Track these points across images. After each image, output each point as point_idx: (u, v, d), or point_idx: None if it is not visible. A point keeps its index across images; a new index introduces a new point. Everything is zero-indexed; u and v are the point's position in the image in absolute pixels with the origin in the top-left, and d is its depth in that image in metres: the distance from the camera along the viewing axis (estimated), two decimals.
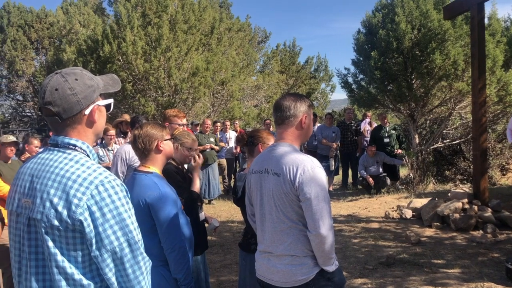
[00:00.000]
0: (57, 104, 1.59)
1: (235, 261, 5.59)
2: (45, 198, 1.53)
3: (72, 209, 1.50)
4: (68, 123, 1.63)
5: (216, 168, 9.73)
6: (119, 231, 1.55)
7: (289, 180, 2.17)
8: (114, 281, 1.57)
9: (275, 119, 2.43)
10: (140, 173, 2.66)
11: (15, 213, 1.64)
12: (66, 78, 1.62)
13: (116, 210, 1.55)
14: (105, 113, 1.76)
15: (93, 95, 1.66)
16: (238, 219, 7.94)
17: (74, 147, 1.63)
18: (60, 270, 1.53)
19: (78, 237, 1.53)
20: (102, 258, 1.53)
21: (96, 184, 1.53)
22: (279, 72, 23.08)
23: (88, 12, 20.77)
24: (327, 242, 2.15)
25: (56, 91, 1.59)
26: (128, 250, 1.57)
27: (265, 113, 17.79)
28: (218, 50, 14.30)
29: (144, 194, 2.54)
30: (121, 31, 13.00)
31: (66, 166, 1.57)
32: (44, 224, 1.52)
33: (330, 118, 10.71)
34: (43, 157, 1.65)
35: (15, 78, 22.00)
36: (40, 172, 1.60)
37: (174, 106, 13.37)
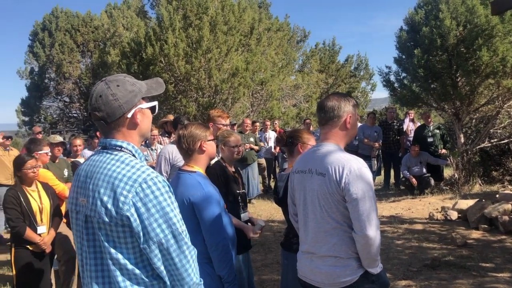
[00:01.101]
0: (102, 110, 1.73)
1: (276, 261, 5.61)
2: (96, 197, 1.66)
3: (119, 206, 1.62)
4: (113, 126, 1.76)
5: (256, 168, 9.76)
6: (163, 224, 1.65)
7: (335, 180, 2.16)
8: (163, 270, 1.69)
9: (319, 120, 2.43)
10: (184, 172, 2.73)
11: (74, 211, 1.79)
12: (109, 85, 1.74)
13: (160, 205, 1.65)
14: (150, 115, 1.86)
15: (135, 99, 1.76)
16: (278, 219, 7.96)
17: (120, 148, 1.75)
18: (114, 262, 1.66)
19: (127, 231, 1.65)
20: (150, 250, 1.65)
21: (140, 182, 1.64)
22: (318, 71, 22.89)
23: (131, 15, 21.31)
24: (374, 243, 2.13)
25: (100, 97, 1.73)
26: (173, 241, 1.67)
27: (304, 112, 17.69)
28: (257, 50, 14.34)
29: (188, 193, 2.60)
30: (163, 33, 13.26)
31: (113, 166, 1.69)
32: (97, 220, 1.66)
33: (373, 117, 10.54)
34: (94, 159, 1.78)
35: (62, 81, 22.82)
36: (92, 173, 1.73)
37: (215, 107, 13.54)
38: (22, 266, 3.91)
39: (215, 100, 13.78)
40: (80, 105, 23.67)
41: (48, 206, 4.14)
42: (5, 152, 7.48)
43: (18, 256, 3.93)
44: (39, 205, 4.04)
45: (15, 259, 3.92)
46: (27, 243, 3.92)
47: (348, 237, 2.19)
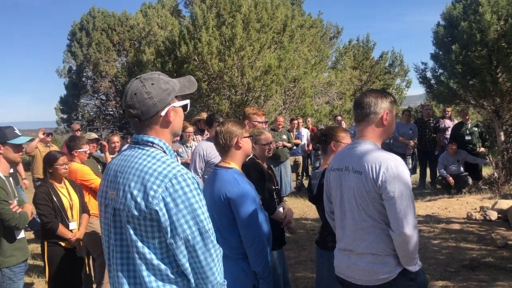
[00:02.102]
0: (136, 107, 1.75)
1: (309, 258, 5.60)
2: (126, 190, 1.69)
3: (149, 200, 1.64)
4: (146, 123, 1.78)
5: (289, 165, 9.74)
6: (191, 220, 1.66)
7: (372, 178, 2.15)
8: (188, 267, 1.69)
9: (355, 116, 2.41)
10: (221, 168, 2.77)
11: (103, 204, 1.82)
12: (144, 83, 1.76)
13: (188, 201, 1.66)
14: (182, 113, 1.88)
15: (168, 98, 1.79)
16: (311, 216, 7.93)
17: (152, 144, 1.78)
18: (140, 256, 1.68)
19: (155, 225, 1.66)
20: (176, 245, 1.65)
21: (170, 177, 1.66)
22: (352, 68, 22.61)
23: (165, 14, 21.63)
24: (411, 241, 2.11)
25: (135, 95, 1.75)
26: (199, 238, 1.67)
27: (338, 110, 17.52)
28: (290, 47, 14.29)
29: (225, 189, 2.63)
30: (197, 31, 13.40)
31: (144, 161, 1.71)
32: (126, 214, 1.68)
33: (408, 114, 10.34)
34: (126, 154, 1.82)
35: (99, 79, 23.40)
36: (123, 167, 1.76)
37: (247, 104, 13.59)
38: (55, 262, 3.94)
39: (248, 98, 13.82)
40: (116, 103, 24.21)
41: (77, 202, 4.19)
42: (45, 148, 7.73)
43: (51, 252, 3.96)
44: (69, 202, 4.09)
45: (48, 256, 3.96)
46: (59, 239, 3.96)
47: (386, 234, 2.18)
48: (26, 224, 3.37)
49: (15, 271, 3.29)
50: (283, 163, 9.27)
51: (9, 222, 3.19)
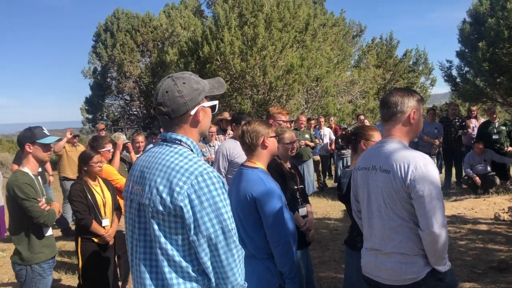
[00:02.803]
0: (167, 105, 1.78)
1: (333, 258, 5.57)
2: (152, 185, 1.71)
3: (174, 196, 1.65)
4: (176, 121, 1.81)
5: (311, 165, 9.70)
6: (214, 218, 1.67)
7: (400, 177, 2.13)
8: (209, 265, 1.69)
9: (382, 115, 2.39)
10: (247, 168, 2.77)
11: (129, 199, 1.85)
12: (176, 82, 1.79)
13: (213, 199, 1.67)
14: (210, 113, 1.91)
15: (199, 97, 1.81)
16: (334, 216, 7.88)
17: (180, 142, 1.80)
18: (163, 252, 1.69)
19: (179, 221, 1.67)
20: (199, 243, 1.66)
21: (196, 174, 1.67)
22: (375, 66, 22.36)
23: (188, 15, 21.78)
24: (440, 241, 2.08)
25: (166, 93, 1.78)
26: (222, 237, 1.68)
27: (361, 109, 17.35)
28: (313, 46, 14.24)
29: (251, 188, 2.63)
30: (219, 32, 13.46)
31: (171, 158, 1.73)
32: (151, 209, 1.70)
33: (433, 113, 10.16)
34: (153, 151, 1.84)
35: (123, 79, 23.75)
36: (150, 164, 1.78)
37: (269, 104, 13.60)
38: (88, 257, 4.07)
39: (270, 97, 13.83)
40: (140, 103, 24.53)
41: (110, 200, 4.30)
42: (72, 148, 7.90)
43: (84, 247, 4.09)
44: (103, 199, 4.20)
45: (81, 251, 4.08)
46: (93, 235, 4.07)
47: (414, 234, 2.15)
48: (54, 221, 3.44)
49: (44, 267, 3.37)
50: (305, 162, 9.23)
51: (38, 220, 3.26)
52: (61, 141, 7.48)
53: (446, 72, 11.16)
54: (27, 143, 3.34)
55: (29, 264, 3.29)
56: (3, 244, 7.38)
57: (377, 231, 2.27)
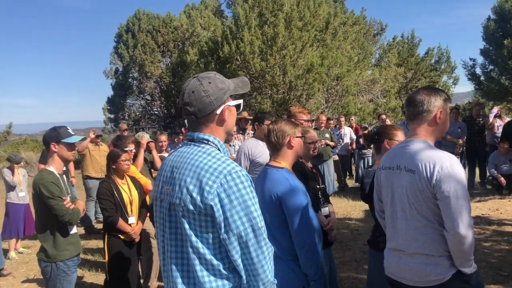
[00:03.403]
0: (193, 105, 1.81)
1: (354, 258, 5.53)
2: (182, 185, 1.73)
3: (204, 195, 1.67)
4: (202, 121, 1.83)
5: (331, 164, 9.63)
6: (244, 217, 1.68)
7: (425, 177, 2.10)
8: (240, 263, 1.71)
9: (407, 114, 2.36)
10: (272, 167, 2.75)
11: (159, 199, 1.87)
12: (201, 82, 1.81)
13: (242, 198, 1.69)
14: (235, 112, 1.93)
15: (224, 96, 1.84)
16: (355, 216, 7.82)
17: (207, 142, 1.82)
18: (194, 250, 1.71)
19: (209, 220, 1.69)
20: (229, 241, 1.68)
21: (225, 173, 1.69)
22: (397, 65, 22.09)
23: (208, 15, 21.89)
24: (466, 242, 2.05)
25: (192, 93, 1.81)
26: (252, 235, 1.69)
27: (382, 108, 17.17)
28: (333, 45, 14.16)
29: (276, 188, 2.61)
30: (239, 31, 13.49)
31: (200, 158, 1.76)
32: (182, 208, 1.72)
33: (456, 112, 9.99)
34: (181, 151, 1.86)
35: (144, 80, 24.00)
36: (179, 163, 1.80)
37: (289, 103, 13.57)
38: (114, 254, 4.17)
39: (290, 97, 13.80)
40: (160, 103, 24.75)
41: (136, 198, 4.38)
42: (95, 148, 8.02)
43: (110, 244, 4.19)
44: (129, 197, 4.29)
45: (108, 247, 4.19)
46: (119, 232, 4.17)
47: (439, 235, 2.12)
48: (78, 220, 3.50)
49: (69, 265, 3.42)
50: (326, 162, 9.19)
51: (63, 218, 3.32)
52: (85, 141, 7.61)
53: (470, 71, 10.98)
54: (52, 143, 3.40)
55: (54, 261, 3.35)
56: (29, 241, 7.55)
57: (401, 232, 2.25)
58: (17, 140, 28.76)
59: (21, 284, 5.69)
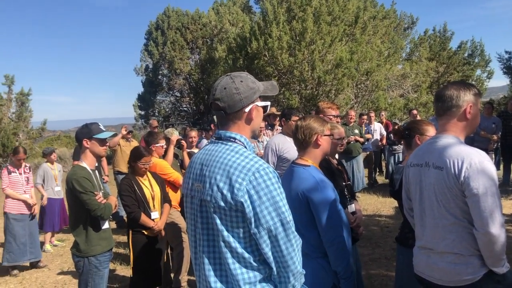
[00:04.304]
0: (224, 101, 1.86)
1: (384, 256, 5.47)
2: (213, 182, 1.79)
3: (234, 192, 1.73)
4: (231, 117, 1.89)
5: (361, 161, 9.52)
6: (273, 212, 1.74)
7: (453, 174, 2.05)
8: (270, 256, 1.77)
9: (436, 110, 2.31)
10: (298, 166, 2.72)
11: (189, 195, 1.93)
12: (234, 80, 1.88)
13: (270, 194, 1.74)
14: (262, 113, 1.98)
15: (254, 96, 1.89)
16: (385, 213, 7.73)
17: (234, 140, 1.88)
18: (226, 244, 1.78)
19: (240, 216, 1.75)
20: (260, 235, 1.74)
21: (253, 171, 1.74)
22: (428, 59, 21.60)
23: (236, 11, 21.93)
24: (498, 241, 1.99)
25: (224, 89, 1.87)
26: (281, 229, 1.75)
27: (413, 103, 16.83)
28: (362, 39, 13.96)
29: (303, 186, 2.59)
30: (267, 27, 13.46)
31: (228, 155, 1.81)
32: (213, 204, 1.78)
33: (490, 107, 9.70)
34: (209, 149, 1.92)
35: (174, 76, 24.28)
36: (208, 161, 1.86)
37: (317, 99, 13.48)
38: (138, 249, 4.21)
39: (318, 92, 13.70)
40: (189, 99, 25.00)
41: (158, 193, 4.42)
42: (126, 143, 8.18)
43: (135, 240, 4.24)
44: (151, 193, 4.33)
45: (133, 243, 4.24)
46: (143, 228, 4.22)
47: (468, 233, 2.07)
48: (110, 214, 3.57)
49: (101, 260, 3.48)
50: (355, 158, 9.09)
51: (95, 212, 3.39)
52: (116, 137, 7.76)
53: (505, 64, 10.62)
54: (85, 139, 3.48)
55: (86, 256, 3.42)
56: (63, 234, 7.78)
57: (429, 230, 2.21)
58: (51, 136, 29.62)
59: (56, 276, 5.87)
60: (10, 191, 6.10)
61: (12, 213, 6.09)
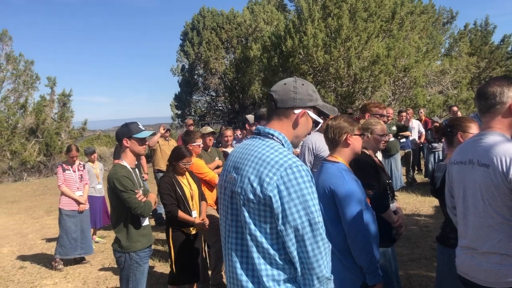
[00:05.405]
0: (279, 93, 1.90)
1: (423, 256, 5.35)
2: (244, 175, 1.79)
3: (264, 186, 1.72)
4: (278, 112, 1.90)
5: (399, 159, 9.32)
6: (302, 210, 1.70)
7: (501, 172, 1.98)
8: (295, 255, 1.73)
9: (479, 108, 2.24)
10: (328, 162, 2.76)
11: (223, 187, 1.94)
12: (296, 80, 1.94)
13: (301, 192, 1.71)
14: (310, 125, 1.97)
15: (308, 102, 1.90)
16: (424, 213, 7.56)
17: (272, 136, 1.87)
18: (252, 238, 1.77)
19: (268, 210, 1.73)
20: (286, 233, 1.71)
21: (286, 167, 1.72)
22: (468, 54, 20.98)
23: (271, 10, 21.95)
24: None
25: (284, 84, 1.92)
26: (308, 229, 1.71)
27: (452, 100, 16.39)
28: (400, 35, 13.69)
29: (329, 182, 2.61)
30: (302, 25, 13.41)
31: (263, 150, 1.81)
32: (242, 197, 1.78)
33: None
34: (247, 143, 1.94)
35: (209, 76, 24.54)
36: (243, 154, 1.87)
37: (353, 96, 13.32)
38: (178, 247, 4.30)
39: (354, 90, 13.55)
40: (224, 98, 25.20)
41: (196, 192, 4.49)
42: (165, 142, 8.33)
43: (175, 238, 4.32)
44: (190, 191, 4.40)
45: (173, 241, 4.32)
46: (182, 225, 4.30)
47: None
48: (150, 212, 3.64)
49: (141, 256, 3.57)
50: (393, 156, 8.90)
51: (135, 210, 3.47)
52: (155, 136, 7.91)
53: None
54: (125, 138, 3.56)
55: (127, 252, 3.51)
56: (104, 231, 8.00)
57: (473, 229, 2.14)
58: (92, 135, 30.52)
59: (97, 271, 6.05)
60: (64, 188, 6.37)
61: (65, 209, 6.35)
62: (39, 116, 20.07)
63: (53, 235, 7.82)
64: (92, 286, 5.48)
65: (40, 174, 19.76)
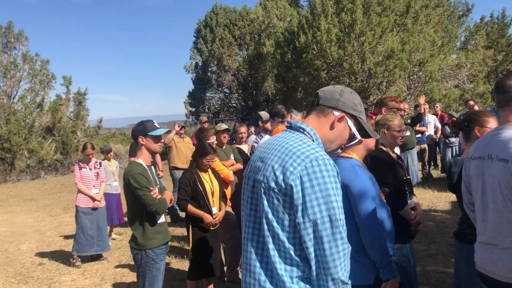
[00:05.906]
0: (324, 92, 1.93)
1: (440, 252, 5.31)
2: (269, 163, 1.77)
3: (286, 175, 1.68)
4: (317, 109, 1.91)
5: (415, 154, 9.24)
6: (323, 204, 1.65)
7: None
8: (312, 252, 1.67)
9: (497, 101, 2.20)
10: (341, 158, 2.77)
11: (247, 176, 1.93)
12: (345, 87, 1.95)
13: (324, 185, 1.66)
14: (347, 136, 1.94)
15: (351, 110, 1.91)
16: (441, 208, 7.48)
17: (303, 131, 1.85)
18: (269, 227, 1.73)
19: (287, 201, 1.69)
20: (304, 226, 1.66)
21: (311, 158, 1.68)
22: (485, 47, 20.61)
23: (284, 6, 21.86)
24: None
25: (333, 86, 1.96)
26: (328, 225, 1.65)
27: (469, 94, 16.14)
28: (414, 29, 13.51)
29: (342, 177, 2.56)
30: (316, 20, 13.32)
31: (290, 141, 1.79)
32: (264, 184, 1.75)
33: None
34: (277, 135, 1.93)
35: (222, 73, 24.56)
36: (272, 145, 1.86)
37: (368, 92, 13.22)
38: (197, 242, 4.37)
39: (369, 85, 13.43)
40: (238, 95, 25.21)
41: (217, 189, 4.53)
42: (180, 139, 8.38)
43: (194, 233, 4.40)
44: (211, 188, 4.44)
45: (192, 235, 4.39)
46: (201, 221, 4.35)
47: None
48: (165, 209, 3.66)
49: (157, 253, 3.59)
50: (409, 151, 8.83)
51: (150, 208, 3.49)
52: (171, 134, 7.97)
53: None
54: (140, 136, 3.59)
55: (143, 249, 3.52)
56: (120, 228, 8.09)
57: (493, 225, 2.11)
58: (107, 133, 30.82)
59: (114, 268, 6.12)
60: (81, 186, 6.46)
61: (81, 207, 6.44)
62: (55, 114, 20.31)
63: (71, 232, 7.92)
64: (109, 283, 5.55)
65: (57, 172, 20.03)
